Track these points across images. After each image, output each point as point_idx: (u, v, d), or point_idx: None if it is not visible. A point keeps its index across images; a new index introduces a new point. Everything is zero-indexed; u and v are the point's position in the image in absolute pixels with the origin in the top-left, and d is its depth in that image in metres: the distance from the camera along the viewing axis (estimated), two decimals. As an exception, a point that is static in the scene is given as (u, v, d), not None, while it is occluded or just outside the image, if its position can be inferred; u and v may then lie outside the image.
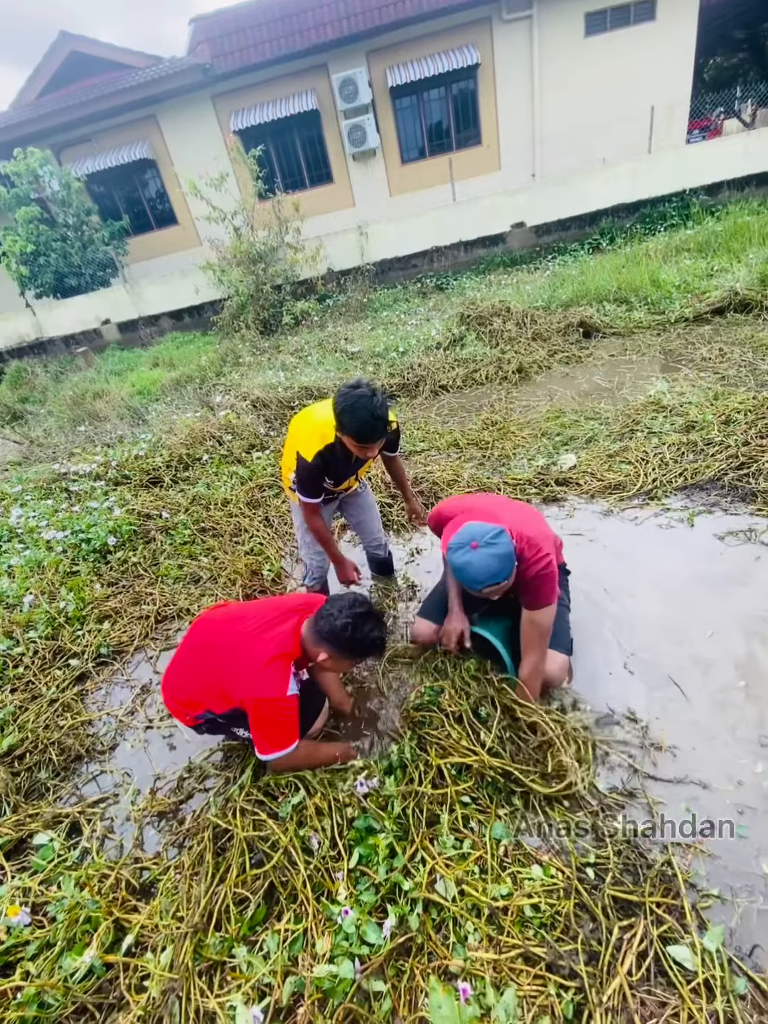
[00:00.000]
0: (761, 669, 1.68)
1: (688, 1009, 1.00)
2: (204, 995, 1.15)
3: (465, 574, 1.37)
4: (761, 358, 3.78)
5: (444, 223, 8.68)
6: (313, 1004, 1.10)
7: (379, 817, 1.38)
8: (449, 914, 1.21)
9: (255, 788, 1.54)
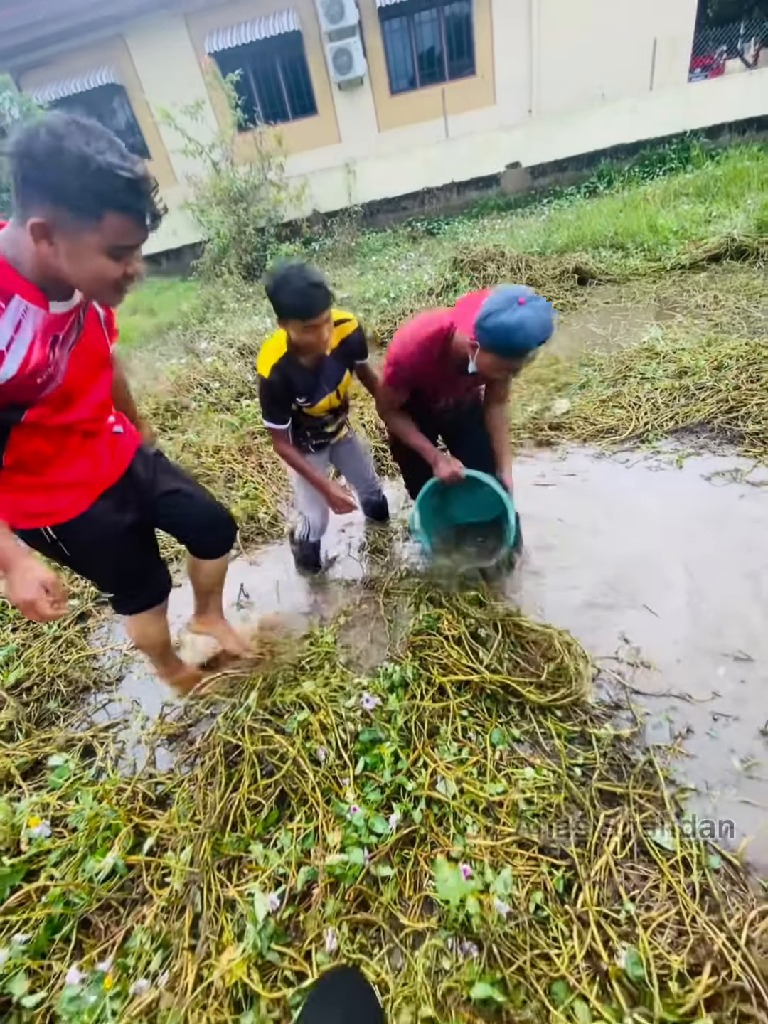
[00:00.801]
0: (740, 594, 1.77)
1: (668, 882, 1.12)
2: (224, 885, 1.24)
3: (522, 332, 1.22)
4: (755, 305, 3.76)
5: (436, 162, 8.24)
6: (326, 888, 1.20)
7: (384, 728, 1.46)
8: (449, 809, 1.31)
9: (261, 708, 1.60)
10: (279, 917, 1.17)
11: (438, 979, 1.06)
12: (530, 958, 1.04)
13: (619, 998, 0.97)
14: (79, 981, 1.11)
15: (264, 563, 2.46)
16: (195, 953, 1.13)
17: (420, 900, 1.19)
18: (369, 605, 2.06)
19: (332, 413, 1.86)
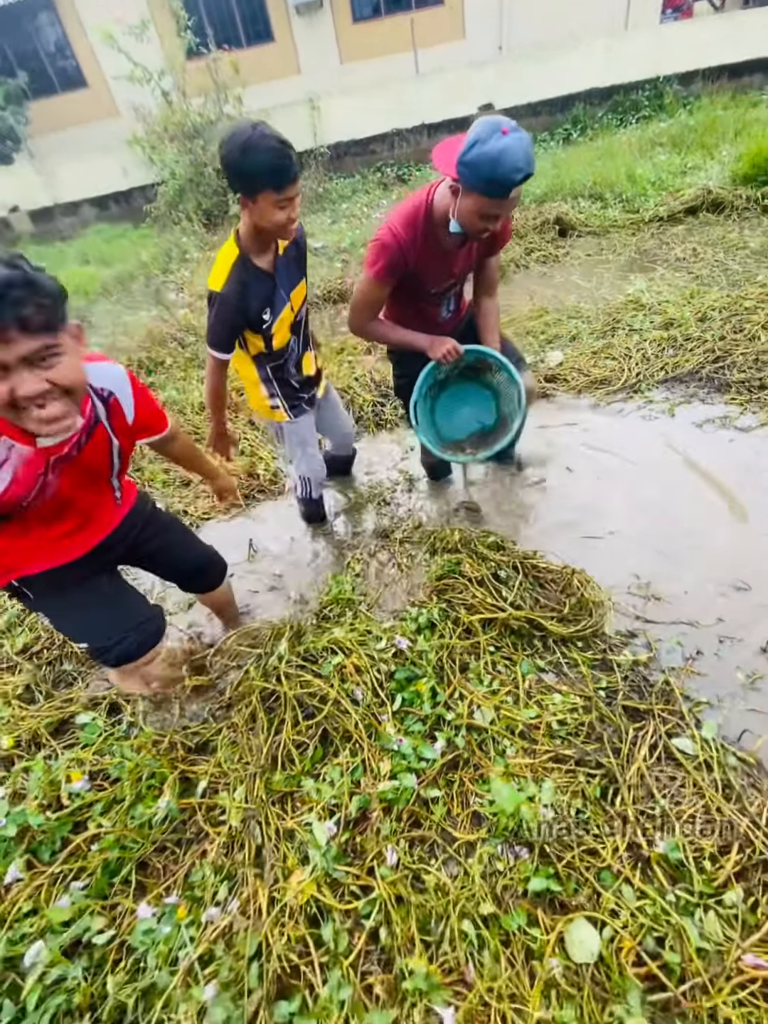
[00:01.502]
0: (736, 531, 1.90)
1: (694, 779, 1.24)
2: (281, 818, 1.29)
3: (505, 162, 1.17)
4: (732, 258, 3.84)
5: (406, 100, 7.78)
6: (381, 812, 1.27)
7: (420, 665, 1.51)
8: (488, 735, 1.39)
9: (294, 655, 1.62)
10: (338, 841, 1.23)
11: (494, 880, 1.15)
12: (578, 854, 1.15)
13: (660, 879, 1.10)
14: (151, 915, 1.15)
15: (269, 519, 2.43)
16: (263, 879, 1.18)
17: (468, 816, 1.28)
18: (384, 554, 2.08)
19: (297, 340, 1.69)
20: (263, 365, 1.69)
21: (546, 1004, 1.00)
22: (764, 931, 1.02)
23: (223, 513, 2.42)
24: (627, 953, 1.01)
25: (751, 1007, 0.95)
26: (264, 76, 8.83)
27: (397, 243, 1.43)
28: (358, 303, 1.62)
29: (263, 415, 1.86)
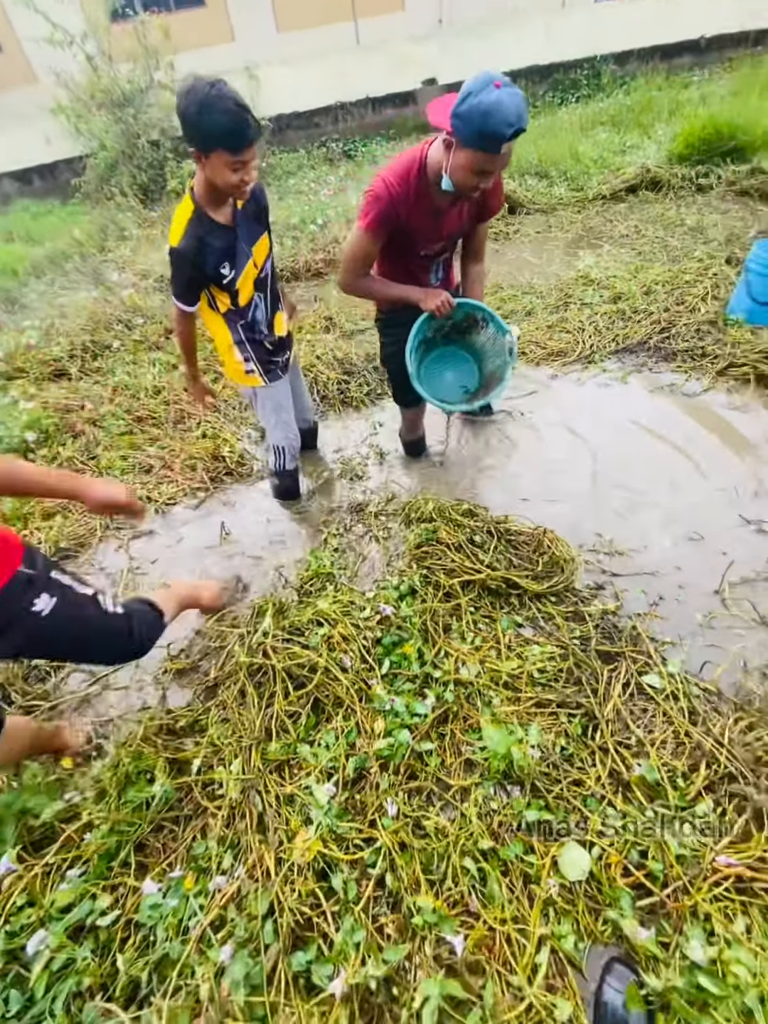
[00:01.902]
0: (688, 487, 2.04)
1: (663, 709, 1.35)
2: (280, 785, 1.31)
3: (496, 115, 1.18)
4: (671, 235, 4.03)
5: (349, 72, 7.58)
6: (378, 768, 1.31)
7: (406, 628, 1.55)
8: (475, 688, 1.45)
9: (279, 629, 1.62)
10: (339, 800, 1.26)
11: (489, 819, 1.22)
12: (565, 785, 1.23)
13: (640, 798, 1.20)
14: (156, 890, 1.14)
15: (238, 501, 2.38)
16: (268, 843, 1.20)
17: (461, 763, 1.34)
18: (360, 528, 2.10)
19: (263, 297, 1.67)
20: (235, 325, 1.67)
21: (545, 921, 1.08)
22: (733, 834, 1.14)
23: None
24: (615, 867, 1.11)
25: (726, 901, 1.07)
26: (196, 42, 8.33)
27: (389, 195, 1.43)
28: (349, 257, 1.59)
29: (238, 381, 1.85)
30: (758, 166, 4.50)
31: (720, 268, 3.28)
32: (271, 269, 1.66)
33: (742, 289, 2.74)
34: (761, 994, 0.96)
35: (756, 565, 1.72)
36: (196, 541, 2.18)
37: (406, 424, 2.30)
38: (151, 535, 2.25)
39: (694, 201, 4.52)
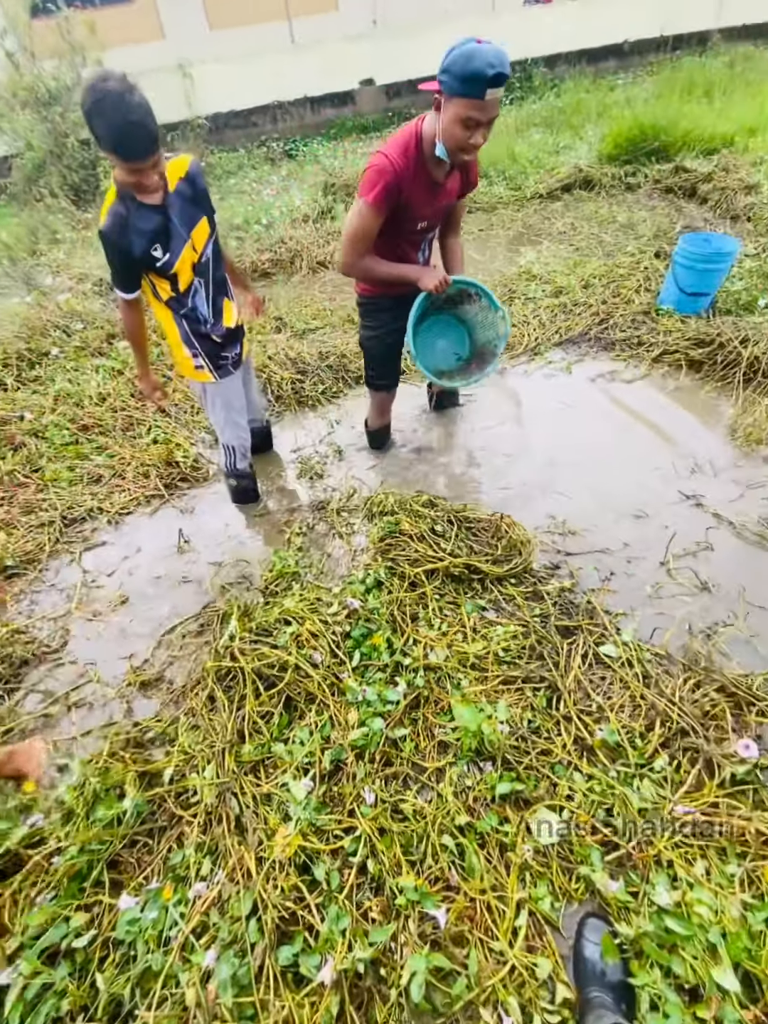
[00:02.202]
0: (631, 468, 2.16)
1: (620, 676, 1.43)
2: (256, 785, 1.30)
3: (478, 57, 1.24)
4: (605, 231, 4.23)
5: (285, 71, 7.51)
6: (353, 758, 1.32)
7: (374, 620, 1.57)
8: (444, 671, 1.49)
9: (246, 632, 1.61)
10: (317, 794, 1.27)
11: (464, 796, 1.26)
12: (534, 756, 1.29)
13: (603, 760, 1.27)
14: (134, 904, 1.11)
15: (196, 507, 2.33)
16: (248, 844, 1.19)
17: (435, 745, 1.38)
18: (322, 525, 2.10)
19: (204, 283, 1.63)
20: (179, 318, 1.66)
21: (522, 886, 1.12)
22: (688, 785, 1.23)
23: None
24: (584, 826, 1.17)
25: (685, 847, 1.15)
26: (124, 39, 8.03)
27: (393, 168, 1.47)
28: (352, 236, 1.58)
29: (188, 375, 1.83)
30: (680, 165, 4.79)
31: (650, 262, 3.47)
32: (213, 254, 1.62)
33: (671, 281, 2.91)
34: (723, 929, 1.04)
35: (696, 536, 1.84)
36: (154, 550, 2.12)
37: (375, 410, 2.30)
38: (104, 546, 2.18)
39: (624, 199, 4.76)
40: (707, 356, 2.58)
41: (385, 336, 1.96)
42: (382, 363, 2.05)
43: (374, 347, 2.02)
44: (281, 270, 4.34)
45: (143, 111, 1.22)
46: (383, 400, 2.25)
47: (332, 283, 4.09)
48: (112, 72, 1.22)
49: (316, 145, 7.68)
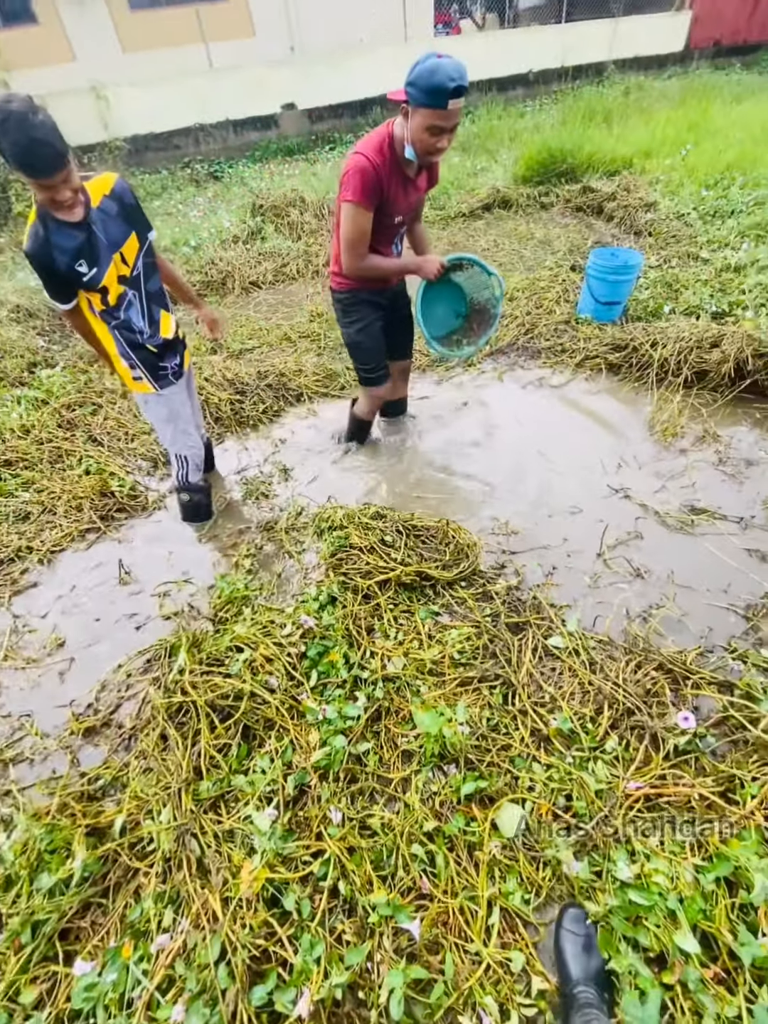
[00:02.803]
0: (563, 467, 2.29)
1: (568, 665, 1.49)
2: (217, 822, 1.25)
3: (439, 72, 1.35)
4: (524, 247, 4.49)
5: (205, 94, 7.51)
6: (317, 780, 1.30)
7: (330, 637, 1.56)
8: (403, 680, 1.50)
9: (196, 664, 1.55)
10: (282, 822, 1.23)
11: (431, 801, 1.27)
12: (495, 752, 1.32)
13: (559, 748, 1.32)
14: (90, 969, 1.03)
15: (135, 537, 2.24)
16: (212, 885, 1.14)
17: (398, 755, 1.38)
18: (271, 545, 2.07)
19: (138, 295, 1.64)
20: (114, 331, 1.68)
21: (492, 883, 1.14)
22: (637, 761, 1.29)
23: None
24: (546, 814, 1.21)
25: (639, 820, 1.21)
26: (32, 61, 7.75)
27: (373, 166, 1.57)
28: (351, 238, 1.67)
29: (129, 387, 1.84)
30: (587, 185, 5.18)
31: (567, 275, 3.72)
32: (146, 268, 1.65)
33: (586, 292, 3.13)
34: (680, 895, 1.10)
35: (626, 526, 1.97)
36: (92, 586, 2.01)
37: (371, 406, 2.32)
38: (36, 587, 2.04)
39: (540, 217, 5.09)
40: (623, 359, 2.79)
41: (371, 325, 2.02)
42: (376, 354, 2.10)
43: (364, 340, 2.04)
44: (213, 291, 4.29)
45: (47, 129, 1.25)
46: (382, 394, 2.26)
47: (266, 303, 4.09)
48: (15, 94, 1.24)
49: (242, 167, 7.70)
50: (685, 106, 7.17)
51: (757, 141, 5.44)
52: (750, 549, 1.84)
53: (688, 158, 5.38)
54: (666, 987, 1.01)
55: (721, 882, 1.09)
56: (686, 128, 6.15)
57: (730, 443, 2.29)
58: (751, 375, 2.45)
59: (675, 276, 3.45)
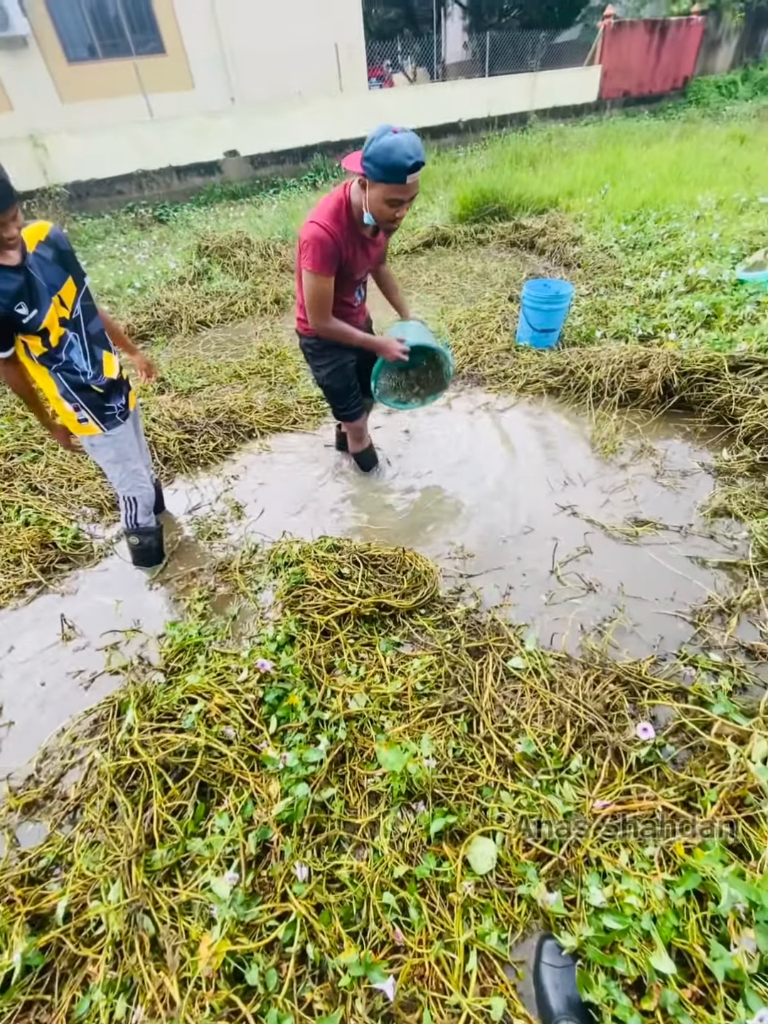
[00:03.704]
0: (514, 487, 2.35)
1: (529, 686, 1.50)
2: (173, 894, 1.16)
3: (396, 150, 1.41)
4: (464, 281, 4.71)
5: (147, 142, 7.63)
6: (280, 834, 1.23)
7: (288, 679, 1.51)
8: (366, 717, 1.46)
9: (147, 721, 1.47)
10: (243, 886, 1.16)
11: (401, 843, 1.22)
12: (462, 783, 1.29)
13: (525, 772, 1.30)
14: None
15: (80, 589, 2.13)
16: (168, 966, 1.04)
17: (365, 798, 1.33)
18: (225, 586, 2.01)
19: (79, 337, 1.63)
20: (55, 373, 1.64)
21: (467, 925, 1.10)
22: (602, 778, 1.30)
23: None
24: (517, 845, 1.18)
25: (608, 840, 1.20)
26: (-36, 108, 7.74)
27: (331, 236, 1.62)
28: (314, 302, 1.75)
29: (75, 431, 1.78)
30: (519, 223, 5.53)
31: (506, 305, 3.92)
32: (85, 310, 1.65)
33: (524, 321, 3.30)
34: (652, 914, 1.09)
35: (576, 542, 2.03)
36: (32, 644, 1.89)
37: (353, 437, 2.37)
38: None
39: (478, 252, 5.37)
40: (562, 382, 2.93)
41: (341, 368, 2.05)
42: (347, 393, 2.14)
43: (335, 381, 2.08)
44: (160, 331, 4.26)
45: (1, 168, 1.27)
46: (360, 426, 2.31)
47: (215, 341, 4.09)
48: None
49: (187, 210, 7.81)
50: (601, 150, 7.84)
51: (666, 180, 5.98)
52: (691, 556, 1.93)
53: (607, 196, 5.85)
54: (646, 1014, 0.99)
55: (691, 895, 1.09)
56: (603, 170, 6.70)
57: (665, 456, 2.42)
58: (678, 392, 2.62)
59: (604, 303, 3.69)
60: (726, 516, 2.07)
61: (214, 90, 9.27)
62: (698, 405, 2.61)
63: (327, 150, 8.79)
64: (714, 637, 1.64)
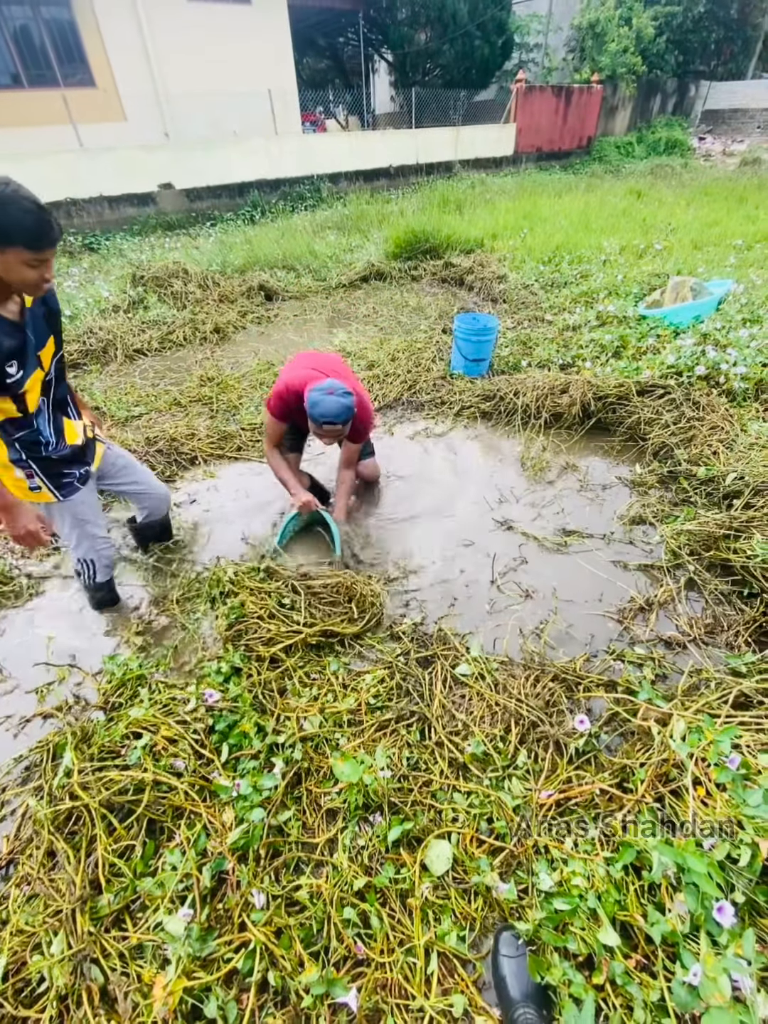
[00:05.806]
0: (455, 504, 2.48)
1: (476, 690, 1.58)
2: (122, 939, 1.10)
3: (319, 408, 1.83)
4: (400, 313, 4.96)
5: (76, 171, 7.51)
6: (235, 863, 1.21)
7: (237, 707, 1.50)
8: (320, 737, 1.47)
9: (86, 761, 1.40)
10: (199, 920, 1.12)
11: (360, 856, 1.23)
12: (417, 790, 1.33)
13: (475, 772, 1.37)
14: None
15: (8, 629, 2.00)
16: (120, 1014, 0.99)
17: (322, 816, 1.33)
18: (163, 618, 1.96)
19: (47, 402, 1.53)
20: (11, 441, 1.49)
21: (427, 928, 1.13)
22: (545, 770, 1.38)
23: None
24: (470, 842, 1.23)
25: (554, 827, 1.27)
26: None
27: (283, 407, 2.05)
28: (268, 433, 2.17)
29: (24, 499, 1.59)
30: (448, 261, 5.91)
31: (440, 337, 4.16)
32: (57, 373, 1.54)
33: (456, 351, 3.52)
34: (597, 892, 1.16)
35: (513, 553, 2.17)
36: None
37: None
38: None
39: (412, 287, 5.68)
40: (493, 407, 3.15)
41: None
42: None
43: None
44: (93, 360, 4.15)
45: (38, 198, 1.19)
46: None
47: (153, 369, 4.04)
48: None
49: (120, 240, 7.70)
50: (520, 198, 8.61)
51: (576, 227, 6.66)
52: (615, 560, 2.12)
53: (526, 240, 6.41)
54: (598, 988, 1.06)
55: (629, 869, 1.18)
56: (522, 216, 7.35)
57: (587, 472, 2.65)
58: (595, 414, 2.90)
59: (528, 336, 4.02)
60: (642, 523, 2.30)
61: (148, 124, 9.32)
62: (613, 425, 2.90)
63: (263, 187, 9.04)
64: (637, 632, 1.80)
